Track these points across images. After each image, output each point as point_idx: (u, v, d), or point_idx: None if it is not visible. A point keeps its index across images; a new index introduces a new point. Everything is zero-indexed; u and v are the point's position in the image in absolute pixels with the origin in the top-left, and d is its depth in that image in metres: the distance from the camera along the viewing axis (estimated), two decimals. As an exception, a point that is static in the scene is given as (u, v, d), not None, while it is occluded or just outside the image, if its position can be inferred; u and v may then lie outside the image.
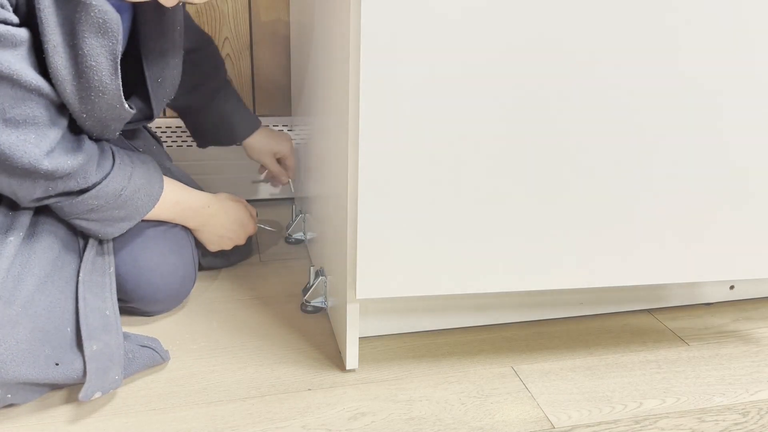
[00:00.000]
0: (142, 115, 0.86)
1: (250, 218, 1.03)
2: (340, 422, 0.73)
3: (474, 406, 0.77)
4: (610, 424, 0.75)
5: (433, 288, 0.75)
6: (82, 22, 0.62)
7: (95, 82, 0.68)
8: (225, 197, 0.99)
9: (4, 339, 0.65)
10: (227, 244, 1.00)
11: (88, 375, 0.70)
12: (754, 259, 0.83)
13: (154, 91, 0.84)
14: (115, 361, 0.74)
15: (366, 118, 0.65)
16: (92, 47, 0.64)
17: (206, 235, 0.97)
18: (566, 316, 0.98)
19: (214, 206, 0.95)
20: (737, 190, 0.78)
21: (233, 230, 0.99)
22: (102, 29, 0.63)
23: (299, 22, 1.08)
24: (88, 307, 0.75)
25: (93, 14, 0.62)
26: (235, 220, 0.99)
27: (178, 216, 0.90)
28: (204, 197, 0.94)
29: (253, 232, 1.03)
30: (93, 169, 0.75)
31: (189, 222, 0.93)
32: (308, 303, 0.95)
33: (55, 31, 0.62)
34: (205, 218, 0.94)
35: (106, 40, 0.64)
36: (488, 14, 0.63)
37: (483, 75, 0.65)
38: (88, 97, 0.69)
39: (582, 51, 0.67)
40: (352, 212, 0.70)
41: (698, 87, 0.72)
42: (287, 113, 1.36)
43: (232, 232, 0.99)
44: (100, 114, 0.73)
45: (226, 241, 0.99)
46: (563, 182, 0.73)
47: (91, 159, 0.74)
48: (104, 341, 0.74)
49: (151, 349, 0.79)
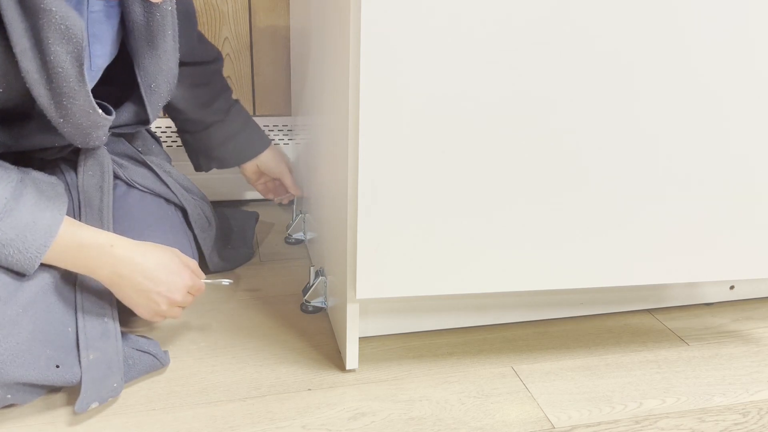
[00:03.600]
0: (138, 120, 0.85)
1: (185, 268, 0.79)
2: (340, 422, 0.73)
3: (474, 406, 0.77)
4: (610, 424, 0.75)
5: (433, 288, 0.75)
6: (46, 28, 0.61)
7: (65, 87, 0.66)
8: (146, 243, 0.77)
9: (4, 339, 0.65)
10: (161, 307, 0.76)
11: (83, 386, 0.70)
12: (754, 259, 0.83)
13: (148, 96, 0.83)
14: (114, 368, 0.73)
15: (366, 118, 0.65)
16: (58, 54, 0.63)
17: (126, 292, 0.74)
18: (566, 316, 0.98)
19: (124, 247, 0.73)
20: (737, 191, 0.78)
21: (163, 282, 0.75)
22: (66, 36, 0.62)
23: (299, 22, 1.08)
24: (86, 315, 0.75)
25: (55, 21, 0.61)
26: (161, 266, 0.76)
27: (70, 258, 0.71)
28: (103, 234, 0.73)
29: (197, 288, 0.81)
30: None
31: (93, 270, 0.72)
32: (308, 303, 0.95)
33: (22, 35, 0.61)
34: (113, 263, 0.72)
35: (71, 46, 0.63)
36: (489, 13, 0.63)
37: (483, 75, 0.65)
38: (61, 103, 0.67)
39: (582, 51, 0.67)
40: (352, 212, 0.70)
41: (699, 88, 0.72)
42: (287, 113, 1.36)
43: (162, 284, 0.75)
44: (76, 120, 0.71)
45: (158, 300, 0.76)
46: (564, 183, 0.73)
47: None
48: (102, 349, 0.74)
49: (151, 355, 0.78)
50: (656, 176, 0.75)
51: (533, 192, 0.72)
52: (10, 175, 0.68)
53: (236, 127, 1.09)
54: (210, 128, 1.07)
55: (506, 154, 0.70)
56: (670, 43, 0.69)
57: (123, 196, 0.88)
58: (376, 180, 0.68)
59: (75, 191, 0.81)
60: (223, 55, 1.28)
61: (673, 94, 0.71)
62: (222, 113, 1.06)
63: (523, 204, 0.73)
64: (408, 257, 0.73)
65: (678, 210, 0.78)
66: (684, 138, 0.74)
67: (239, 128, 1.09)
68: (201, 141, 1.09)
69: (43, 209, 0.68)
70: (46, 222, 0.67)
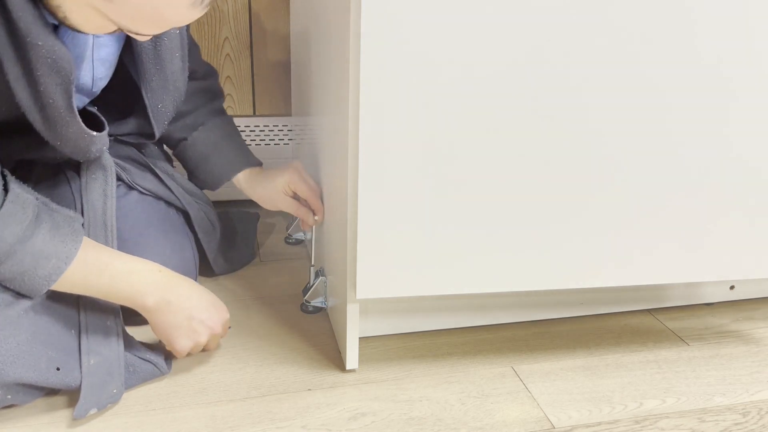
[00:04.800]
0: (141, 131, 0.85)
1: (220, 301, 0.80)
2: (340, 422, 0.73)
3: (474, 406, 0.77)
4: (610, 424, 0.75)
5: (433, 288, 0.75)
6: (34, 60, 0.60)
7: (56, 117, 0.66)
8: (181, 276, 0.77)
9: (5, 340, 0.65)
10: (201, 338, 0.76)
11: (83, 391, 0.70)
12: (754, 259, 0.83)
13: (155, 115, 0.83)
14: (114, 374, 0.73)
15: (366, 118, 0.65)
16: (48, 84, 0.63)
17: (169, 319, 0.74)
18: (566, 316, 0.98)
19: (170, 274, 0.74)
20: (737, 191, 0.78)
21: (207, 312, 0.76)
22: (54, 68, 0.62)
23: (299, 22, 1.08)
24: (88, 319, 0.74)
25: (42, 54, 0.60)
26: (203, 296, 0.77)
27: (117, 284, 0.71)
28: (146, 261, 0.74)
29: (225, 331, 0.81)
30: None
31: (143, 294, 0.72)
32: (308, 303, 0.95)
33: (15, 64, 0.61)
34: (163, 288, 0.73)
35: (59, 78, 0.63)
36: (492, 9, 0.63)
37: (483, 74, 0.65)
38: (55, 128, 0.67)
39: (583, 52, 0.67)
40: (352, 212, 0.70)
41: (698, 87, 0.71)
42: (287, 113, 1.36)
43: (205, 313, 0.76)
44: (74, 143, 0.70)
45: (200, 331, 0.76)
46: (564, 183, 0.73)
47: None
48: (103, 355, 0.73)
49: (152, 365, 0.77)
50: (656, 176, 0.75)
51: (533, 192, 0.72)
52: (26, 212, 0.66)
53: (205, 147, 0.95)
54: (178, 146, 0.96)
55: (506, 154, 0.70)
56: (677, 44, 0.69)
57: (123, 197, 0.88)
58: (376, 180, 0.68)
59: (78, 195, 0.81)
60: (223, 55, 1.28)
61: (672, 94, 0.71)
62: (188, 130, 0.95)
63: (523, 204, 0.73)
64: (408, 257, 0.73)
65: (678, 210, 0.77)
66: (684, 138, 0.74)
67: (209, 148, 0.95)
68: (179, 158, 0.98)
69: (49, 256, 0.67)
70: (52, 264, 0.67)
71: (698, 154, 0.75)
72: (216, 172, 0.94)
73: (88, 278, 0.70)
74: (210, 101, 0.97)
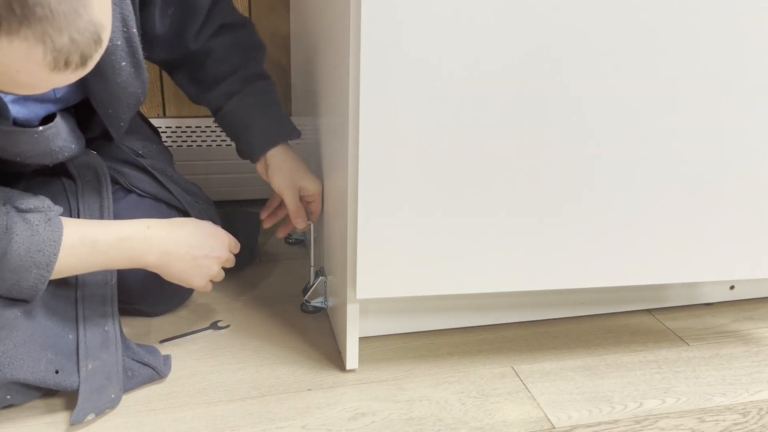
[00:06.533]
0: (107, 135, 0.84)
1: (213, 226, 0.81)
2: (340, 422, 0.73)
3: (474, 406, 0.77)
4: (610, 424, 0.75)
5: (433, 288, 0.75)
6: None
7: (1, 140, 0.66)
8: (170, 219, 0.78)
9: (1, 341, 0.65)
10: (213, 270, 0.79)
11: (80, 396, 0.70)
12: (754, 259, 0.83)
13: (107, 119, 0.80)
14: (113, 379, 0.73)
15: (366, 118, 0.65)
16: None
17: (177, 267, 0.75)
18: (566, 316, 0.98)
19: (158, 225, 0.75)
20: (737, 191, 0.78)
21: (207, 243, 0.78)
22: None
23: (299, 23, 1.08)
24: (86, 323, 0.74)
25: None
26: (197, 231, 0.78)
27: (116, 254, 0.71)
28: (133, 221, 0.74)
29: (234, 244, 0.84)
30: None
31: (141, 257, 0.73)
32: (308, 303, 0.95)
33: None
34: (158, 243, 0.73)
35: None
36: (490, 12, 0.63)
37: (483, 75, 0.65)
38: (6, 149, 0.68)
39: (583, 52, 0.67)
40: (352, 212, 0.70)
41: (697, 87, 0.72)
42: (287, 113, 1.35)
43: (206, 246, 0.77)
44: (35, 157, 0.71)
45: (208, 264, 0.78)
46: (563, 183, 0.73)
47: None
48: (102, 359, 0.73)
49: (151, 369, 0.77)
50: (656, 176, 0.75)
51: (533, 193, 0.72)
52: None
53: (238, 119, 0.91)
54: (217, 114, 0.92)
55: (506, 154, 0.70)
56: (672, 43, 0.69)
57: (122, 199, 0.87)
58: (376, 180, 0.68)
59: (74, 198, 0.80)
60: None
61: (672, 94, 0.71)
62: (224, 99, 0.90)
63: (523, 204, 0.73)
64: (408, 257, 0.73)
65: (678, 210, 0.77)
66: (684, 138, 0.74)
67: (247, 117, 0.90)
68: (221, 126, 0.94)
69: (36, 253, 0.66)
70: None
71: (698, 153, 0.75)
72: (246, 150, 0.92)
73: (83, 260, 0.70)
74: (246, 63, 0.91)
